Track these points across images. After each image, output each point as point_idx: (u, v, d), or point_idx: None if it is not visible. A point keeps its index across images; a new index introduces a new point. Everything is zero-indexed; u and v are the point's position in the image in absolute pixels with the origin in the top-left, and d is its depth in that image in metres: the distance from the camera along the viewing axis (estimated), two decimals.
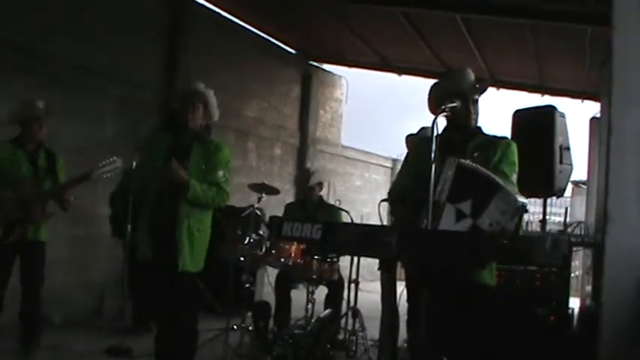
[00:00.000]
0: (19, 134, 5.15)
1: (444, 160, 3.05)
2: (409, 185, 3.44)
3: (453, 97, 3.40)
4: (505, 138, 3.56)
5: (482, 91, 3.58)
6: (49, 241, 5.37)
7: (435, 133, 2.95)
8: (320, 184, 6.63)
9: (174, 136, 4.29)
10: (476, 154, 3.38)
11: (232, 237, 5.92)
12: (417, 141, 3.65)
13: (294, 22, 9.92)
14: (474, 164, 3.06)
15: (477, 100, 3.51)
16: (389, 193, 3.72)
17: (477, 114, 3.53)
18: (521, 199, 2.88)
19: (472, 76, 3.56)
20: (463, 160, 3.04)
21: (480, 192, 2.92)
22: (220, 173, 4.19)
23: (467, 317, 3.25)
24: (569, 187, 9.76)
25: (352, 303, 6.33)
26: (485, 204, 2.85)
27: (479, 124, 3.58)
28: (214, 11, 9.37)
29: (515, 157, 3.49)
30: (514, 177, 3.45)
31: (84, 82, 7.08)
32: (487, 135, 3.56)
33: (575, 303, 5.51)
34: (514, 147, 3.50)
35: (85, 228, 7.18)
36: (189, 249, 4.13)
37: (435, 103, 3.53)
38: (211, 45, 9.20)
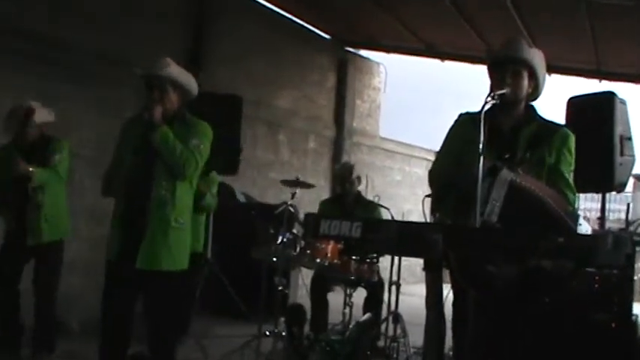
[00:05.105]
0: None
1: (491, 156, 3.00)
2: (451, 172, 3.39)
3: (519, 66, 3.36)
4: (561, 127, 3.45)
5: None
6: (66, 242, 5.48)
7: (482, 125, 2.91)
8: (359, 179, 6.64)
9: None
10: (528, 155, 3.30)
11: (264, 236, 5.95)
12: (465, 118, 3.54)
13: (329, 6, 9.91)
14: (527, 184, 2.95)
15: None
16: (430, 173, 3.60)
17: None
18: (584, 224, 2.81)
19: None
20: (515, 179, 2.94)
21: (534, 219, 2.85)
22: (194, 142, 4.02)
23: (520, 322, 3.23)
24: (631, 181, 9.60)
25: (393, 307, 6.33)
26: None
27: (531, 104, 3.49)
28: None
29: (573, 154, 3.38)
30: (571, 177, 3.37)
31: (104, 71, 7.18)
32: (541, 119, 3.45)
33: (638, 308, 5.42)
34: (572, 141, 3.39)
35: (104, 228, 7.27)
36: (164, 243, 3.94)
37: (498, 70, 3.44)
38: (239, 31, 9.25)
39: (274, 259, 5.85)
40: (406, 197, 13.30)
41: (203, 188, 5.51)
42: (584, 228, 2.79)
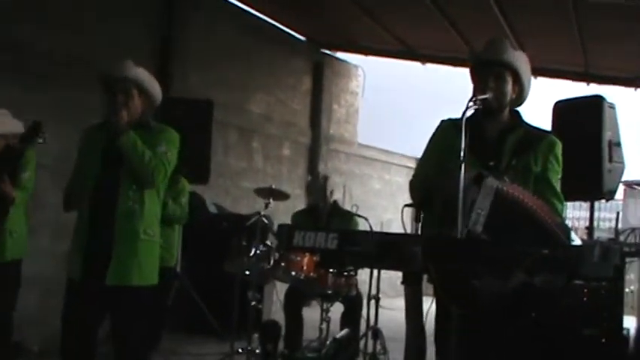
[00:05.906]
0: None
1: (475, 163, 2.99)
2: (433, 181, 3.36)
3: (502, 69, 3.36)
4: (548, 134, 3.46)
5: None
6: (27, 258, 5.38)
7: (464, 131, 2.90)
8: (332, 192, 6.59)
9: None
10: (514, 162, 3.29)
11: (237, 249, 5.92)
12: (447, 124, 3.52)
13: (304, 6, 9.91)
14: (515, 194, 2.93)
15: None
16: (411, 182, 3.56)
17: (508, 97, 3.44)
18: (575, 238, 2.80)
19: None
20: (502, 187, 2.92)
21: (522, 230, 2.84)
22: (161, 148, 3.92)
23: (505, 339, 3.22)
24: (621, 188, 9.68)
25: (372, 322, 6.31)
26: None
27: (516, 109, 3.49)
28: None
29: (560, 161, 3.38)
30: (558, 186, 3.36)
31: (67, 75, 7.10)
32: (527, 125, 3.45)
33: (630, 322, 5.45)
34: (559, 149, 3.38)
35: (67, 244, 7.19)
36: (133, 256, 3.85)
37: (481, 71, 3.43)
38: (210, 33, 9.22)
39: (247, 272, 5.83)
40: (386, 207, 13.31)
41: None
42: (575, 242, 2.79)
